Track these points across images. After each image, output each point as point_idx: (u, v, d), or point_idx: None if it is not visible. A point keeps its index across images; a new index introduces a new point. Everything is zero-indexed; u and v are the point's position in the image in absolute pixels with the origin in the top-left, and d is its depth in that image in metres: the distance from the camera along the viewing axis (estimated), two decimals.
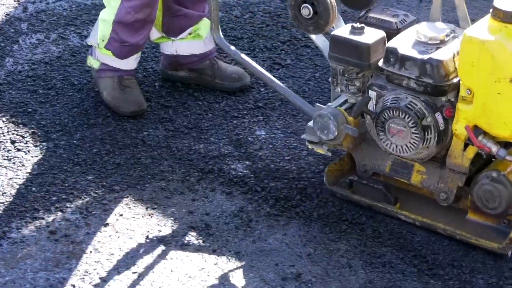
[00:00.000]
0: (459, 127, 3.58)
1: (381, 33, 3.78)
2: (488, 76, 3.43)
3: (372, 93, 3.77)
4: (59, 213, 3.87)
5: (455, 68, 3.57)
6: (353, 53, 3.75)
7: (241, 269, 3.62)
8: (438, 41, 3.63)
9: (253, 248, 3.72)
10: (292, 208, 3.93)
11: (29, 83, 4.69)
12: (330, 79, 3.94)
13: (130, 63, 4.58)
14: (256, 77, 4.55)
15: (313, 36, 4.01)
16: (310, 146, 3.97)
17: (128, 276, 3.58)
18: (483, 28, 3.45)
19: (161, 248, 3.72)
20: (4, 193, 3.97)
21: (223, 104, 4.56)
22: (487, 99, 3.47)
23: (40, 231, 3.78)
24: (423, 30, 3.67)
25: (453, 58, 3.57)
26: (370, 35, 3.76)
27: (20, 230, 3.78)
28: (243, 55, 4.20)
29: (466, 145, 3.65)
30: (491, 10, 3.43)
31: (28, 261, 3.64)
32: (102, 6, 5.11)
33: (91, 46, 4.58)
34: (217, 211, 3.91)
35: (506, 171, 3.62)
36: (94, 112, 4.48)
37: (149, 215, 3.88)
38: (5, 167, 4.12)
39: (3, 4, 5.37)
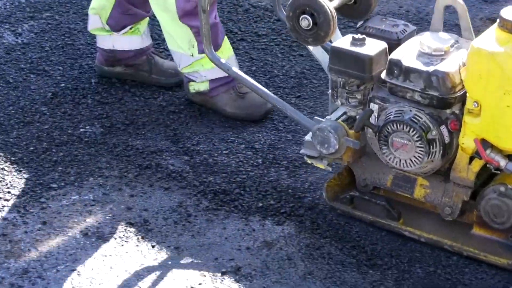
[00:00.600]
0: (467, 141, 3.49)
1: (383, 45, 3.67)
2: (496, 88, 3.33)
3: (374, 106, 3.66)
4: None
5: (461, 80, 3.48)
6: (354, 65, 3.64)
7: (181, 264, 3.62)
8: (443, 52, 3.53)
9: (192, 243, 3.72)
10: (231, 202, 3.93)
11: None
12: (329, 92, 3.84)
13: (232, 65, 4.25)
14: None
15: (310, 48, 3.89)
16: (309, 161, 3.82)
17: (67, 274, 3.56)
18: (491, 39, 3.36)
19: (100, 245, 3.70)
20: None
21: (160, 99, 4.55)
22: (496, 112, 3.38)
23: None
24: (426, 41, 3.57)
25: (459, 70, 3.47)
26: (372, 47, 3.64)
27: None
28: (236, 69, 4.07)
29: (471, 159, 3.55)
30: (498, 21, 3.35)
31: None
32: (40, 4, 5.08)
33: (186, 77, 4.51)
34: (156, 206, 3.90)
35: None
36: (30, 110, 4.45)
37: (87, 212, 3.86)
38: None
39: None
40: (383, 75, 3.61)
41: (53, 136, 4.29)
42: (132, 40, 4.68)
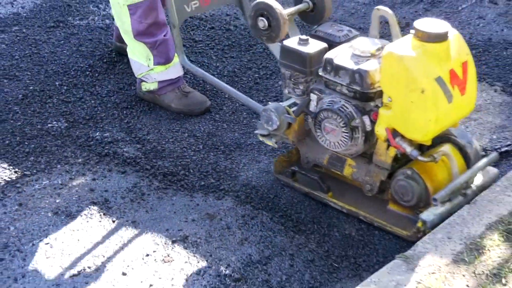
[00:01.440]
0: (380, 129, 3.51)
1: (323, 45, 3.71)
2: (403, 86, 3.36)
3: (313, 96, 3.71)
4: None
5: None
6: (298, 61, 3.70)
7: (137, 235, 3.59)
8: (370, 55, 3.54)
9: (146, 217, 3.69)
10: (177, 182, 3.91)
11: None
12: (280, 82, 3.92)
13: (177, 69, 4.47)
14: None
15: (268, 44, 4.03)
16: (261, 139, 3.88)
17: (41, 247, 3.52)
18: (405, 45, 3.39)
19: (68, 221, 3.67)
20: None
21: (114, 97, 4.51)
22: (403, 107, 3.40)
23: None
24: (357, 44, 3.60)
25: (379, 69, 3.49)
26: (313, 46, 3.70)
27: None
28: (202, 71, 4.31)
29: (389, 145, 3.58)
30: (412, 30, 3.39)
31: None
32: (9, 19, 5.03)
33: (138, 79, 4.51)
34: (114, 187, 3.86)
35: (420, 169, 3.56)
36: (4, 109, 4.39)
37: (57, 194, 3.82)
38: None
39: None
40: (320, 71, 3.65)
41: (25, 131, 4.23)
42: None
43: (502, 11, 5.40)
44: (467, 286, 3.07)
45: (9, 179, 3.90)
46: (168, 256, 3.49)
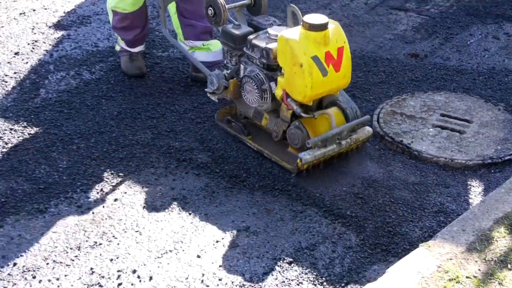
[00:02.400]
0: (278, 91, 3.88)
1: (249, 29, 4.11)
2: (290, 61, 3.72)
3: (242, 66, 4.09)
4: (83, 194, 3.80)
5: None
6: (231, 40, 4.12)
7: (209, 225, 3.59)
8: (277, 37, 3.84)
9: (216, 211, 3.68)
10: (241, 182, 3.89)
11: (57, 106, 4.59)
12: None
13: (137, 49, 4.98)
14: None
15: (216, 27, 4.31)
16: (208, 95, 4.25)
17: (132, 234, 3.54)
18: (294, 32, 3.74)
19: (154, 213, 3.67)
20: (44, 181, 3.89)
21: (190, 114, 4.50)
22: (290, 76, 3.76)
23: (70, 206, 3.71)
24: (271, 30, 3.98)
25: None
26: (242, 30, 4.10)
27: (56, 206, 3.71)
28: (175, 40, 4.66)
29: None
30: (301, 22, 3.75)
31: (64, 227, 3.57)
32: (106, 52, 5.08)
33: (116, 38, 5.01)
34: (190, 186, 3.86)
35: (305, 122, 3.89)
36: (102, 123, 4.40)
37: (145, 192, 3.83)
38: (42, 164, 4.03)
39: (36, 53, 5.26)
40: (244, 48, 4.06)
41: (119, 141, 4.24)
42: (204, 55, 4.82)
43: (503, 45, 5.33)
44: (479, 269, 3.03)
45: (107, 179, 3.92)
46: (234, 242, 3.48)
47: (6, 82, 4.88)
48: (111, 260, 3.39)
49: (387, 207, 3.69)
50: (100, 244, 3.48)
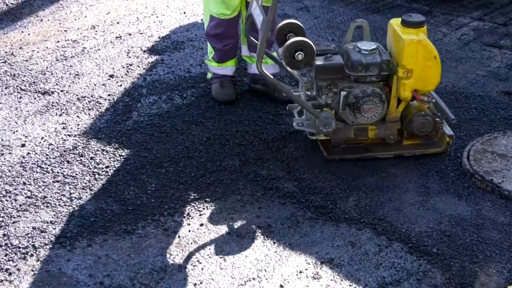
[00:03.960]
0: (406, 93, 4.14)
1: (340, 57, 4.17)
2: (423, 58, 4.06)
3: (343, 93, 4.12)
4: (169, 217, 3.85)
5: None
6: (336, 72, 4.13)
7: (293, 255, 3.58)
8: (374, 51, 4.14)
9: (300, 241, 3.67)
10: (326, 214, 3.87)
11: (148, 129, 4.68)
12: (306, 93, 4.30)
13: (228, 70, 5.01)
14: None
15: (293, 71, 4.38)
16: (311, 137, 4.28)
17: (216, 260, 3.56)
18: (410, 35, 4.06)
19: (238, 240, 3.69)
20: (132, 202, 3.95)
21: (278, 143, 4.51)
22: (422, 72, 4.08)
23: (157, 229, 3.76)
24: (361, 45, 4.16)
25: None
26: (339, 59, 4.15)
27: (144, 228, 3.77)
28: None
29: (398, 104, 4.22)
30: (400, 21, 4.12)
31: (150, 249, 3.62)
32: (198, 77, 5.16)
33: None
34: (276, 215, 3.86)
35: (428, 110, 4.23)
36: (191, 148, 4.46)
37: (230, 218, 3.85)
38: (131, 186, 4.10)
39: (130, 76, 5.38)
40: (350, 72, 4.11)
41: (207, 167, 4.28)
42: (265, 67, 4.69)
43: None
44: None
45: (194, 204, 3.96)
46: (317, 274, 3.46)
47: (100, 103, 5.00)
48: (195, 284, 3.41)
49: (474, 247, 3.61)
50: (184, 268, 3.51)
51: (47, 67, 5.54)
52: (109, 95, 5.12)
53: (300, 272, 3.48)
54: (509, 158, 4.21)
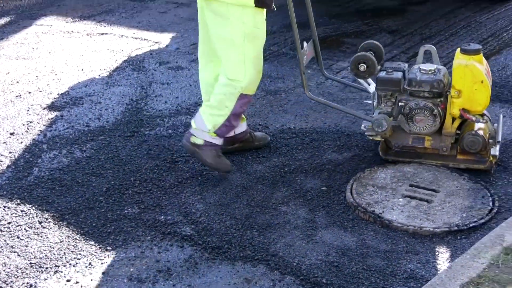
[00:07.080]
0: (455, 111, 4.48)
1: (400, 73, 4.63)
2: (470, 81, 4.40)
3: (400, 104, 4.57)
4: (71, 267, 3.80)
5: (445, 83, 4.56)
6: (393, 85, 4.62)
7: None
8: (433, 71, 4.58)
9: (199, 282, 3.68)
10: (222, 254, 3.89)
11: (49, 183, 4.63)
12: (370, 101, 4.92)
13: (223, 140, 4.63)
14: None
15: (360, 80, 4.83)
16: (370, 138, 4.67)
17: None
18: (462, 60, 4.42)
19: (140, 286, 3.65)
20: (35, 256, 3.88)
21: (175, 189, 4.53)
22: (470, 94, 4.41)
23: (59, 280, 3.70)
24: (423, 67, 4.59)
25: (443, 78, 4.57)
26: (399, 74, 4.62)
27: (46, 280, 3.70)
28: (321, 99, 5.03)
29: (453, 121, 4.52)
30: (459, 50, 4.46)
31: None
32: (97, 131, 5.11)
33: (190, 131, 4.59)
34: (175, 258, 3.86)
35: (476, 129, 4.51)
36: (92, 199, 4.42)
37: (131, 264, 3.81)
38: (34, 239, 4.04)
39: (30, 133, 5.32)
40: (406, 86, 4.60)
41: (107, 216, 4.26)
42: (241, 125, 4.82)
43: None
44: None
45: (95, 254, 3.92)
46: None
47: (1, 161, 4.92)
48: None
49: (360, 274, 3.69)
50: None
51: None
52: (10, 152, 5.04)
53: None
54: (388, 189, 4.36)
